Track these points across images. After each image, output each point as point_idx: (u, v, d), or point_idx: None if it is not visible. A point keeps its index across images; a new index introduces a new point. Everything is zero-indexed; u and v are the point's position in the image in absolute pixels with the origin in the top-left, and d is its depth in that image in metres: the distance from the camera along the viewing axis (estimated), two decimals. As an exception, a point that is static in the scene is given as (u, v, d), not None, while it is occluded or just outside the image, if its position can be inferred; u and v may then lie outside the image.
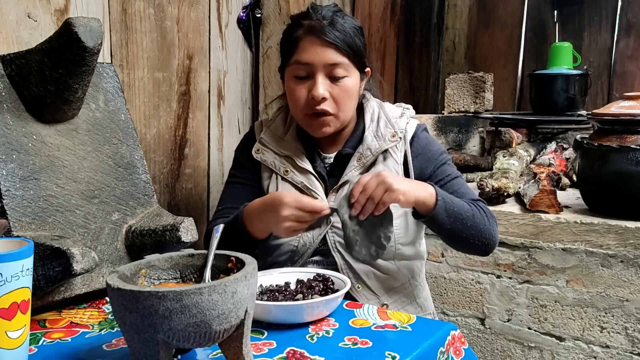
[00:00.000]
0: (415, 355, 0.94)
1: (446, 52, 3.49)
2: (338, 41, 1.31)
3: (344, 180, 1.36)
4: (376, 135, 1.39)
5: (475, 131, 2.89)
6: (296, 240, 1.35)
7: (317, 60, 1.31)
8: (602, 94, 3.06)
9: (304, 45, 1.32)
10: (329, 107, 1.32)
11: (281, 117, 1.47)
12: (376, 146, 1.37)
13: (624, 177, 1.67)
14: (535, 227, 1.82)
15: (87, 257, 0.99)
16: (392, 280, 1.37)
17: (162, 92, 1.83)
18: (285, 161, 1.40)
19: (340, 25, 1.32)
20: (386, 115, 1.42)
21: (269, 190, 1.40)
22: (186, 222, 1.16)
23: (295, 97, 1.34)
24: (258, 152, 1.43)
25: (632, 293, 1.68)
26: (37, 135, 1.11)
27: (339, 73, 1.32)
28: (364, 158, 1.37)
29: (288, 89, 1.37)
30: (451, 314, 2.03)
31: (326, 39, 1.30)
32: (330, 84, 1.32)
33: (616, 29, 3.00)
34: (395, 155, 1.38)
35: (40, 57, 1.07)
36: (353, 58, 1.34)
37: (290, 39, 1.35)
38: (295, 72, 1.34)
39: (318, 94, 1.30)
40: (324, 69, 1.31)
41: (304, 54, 1.32)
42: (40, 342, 0.98)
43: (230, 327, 0.78)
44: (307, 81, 1.33)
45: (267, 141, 1.43)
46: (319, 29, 1.31)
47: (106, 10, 1.63)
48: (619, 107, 1.73)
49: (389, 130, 1.39)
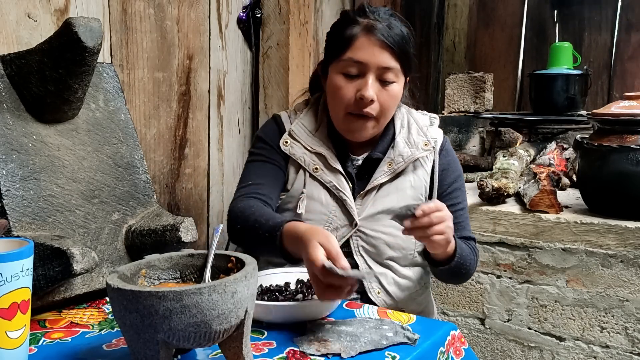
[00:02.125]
0: (415, 355, 0.94)
1: (446, 52, 3.49)
2: (395, 45, 1.27)
3: (372, 185, 1.33)
4: (408, 142, 1.36)
5: (475, 131, 2.89)
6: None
7: (372, 61, 1.26)
8: (602, 94, 3.06)
9: (361, 43, 1.27)
10: (374, 110, 1.29)
11: (312, 112, 1.41)
12: (408, 153, 1.34)
13: (624, 177, 1.67)
14: (535, 227, 1.82)
15: (87, 257, 0.99)
16: (409, 285, 1.37)
17: (162, 92, 1.83)
18: (317, 158, 1.35)
19: (398, 29, 1.28)
20: (417, 122, 1.40)
21: (293, 186, 1.35)
22: (186, 222, 1.16)
23: (341, 94, 1.29)
24: (287, 144, 1.36)
25: (632, 293, 1.68)
26: (37, 135, 1.11)
27: (389, 77, 1.28)
28: (394, 164, 1.34)
29: (333, 85, 1.31)
30: (451, 314, 2.03)
31: (385, 41, 1.26)
32: (379, 87, 1.28)
33: (616, 29, 3.00)
34: (426, 165, 1.37)
35: (40, 57, 1.07)
36: (404, 64, 1.30)
37: (344, 34, 1.29)
38: (345, 69, 1.29)
39: (369, 94, 1.26)
40: (376, 70, 1.27)
41: (359, 52, 1.27)
42: (40, 342, 0.98)
43: (230, 327, 0.78)
44: (356, 80, 1.28)
45: (298, 135, 1.37)
46: (378, 30, 1.26)
47: (106, 10, 1.63)
48: (619, 107, 1.73)
49: (421, 138, 1.36)
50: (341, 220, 1.32)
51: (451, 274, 1.31)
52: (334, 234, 1.30)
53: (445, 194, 1.38)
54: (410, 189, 1.35)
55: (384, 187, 1.34)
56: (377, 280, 1.32)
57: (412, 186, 1.35)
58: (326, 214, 1.31)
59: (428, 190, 1.37)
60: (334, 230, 1.32)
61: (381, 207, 1.31)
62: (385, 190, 1.34)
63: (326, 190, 1.32)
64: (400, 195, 1.34)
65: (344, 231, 1.32)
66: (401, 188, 1.34)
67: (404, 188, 1.34)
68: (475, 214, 1.93)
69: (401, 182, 1.35)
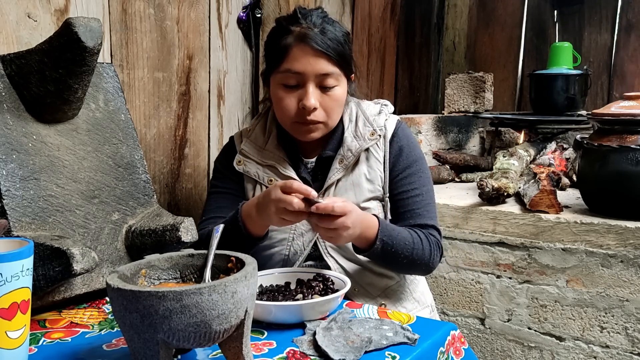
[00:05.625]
0: (415, 355, 0.94)
1: (446, 52, 3.49)
2: (330, 51, 1.28)
3: (328, 184, 1.35)
4: (355, 135, 1.37)
5: (475, 131, 2.89)
6: (286, 248, 1.35)
7: (309, 70, 1.28)
8: (602, 94, 3.06)
9: (295, 53, 1.28)
10: (319, 116, 1.31)
11: (260, 126, 1.45)
12: (356, 146, 1.35)
13: (624, 177, 1.67)
14: (535, 227, 1.82)
15: (87, 257, 0.99)
16: (386, 279, 1.38)
17: (162, 92, 1.83)
18: (269, 170, 1.39)
19: (332, 33, 1.29)
20: (364, 113, 1.40)
21: None
22: (186, 222, 1.16)
23: (284, 105, 1.32)
24: (240, 163, 1.41)
25: (632, 293, 1.68)
26: (37, 135, 1.11)
27: (329, 83, 1.30)
28: (345, 160, 1.35)
29: (276, 96, 1.34)
30: (451, 314, 2.03)
31: (319, 49, 1.27)
32: (320, 94, 1.30)
33: (616, 29, 3.00)
34: (377, 154, 1.38)
35: (40, 57, 1.07)
36: (343, 67, 1.32)
37: (279, 44, 1.31)
38: (284, 80, 1.31)
39: (310, 104, 1.28)
40: (315, 78, 1.28)
41: (295, 62, 1.28)
42: (40, 342, 0.98)
43: (230, 327, 0.78)
44: (296, 90, 1.30)
45: (248, 152, 1.41)
46: (311, 38, 1.27)
47: (106, 10, 1.63)
48: (619, 107, 1.73)
49: (367, 128, 1.37)
50: (304, 225, 1.35)
51: (383, 260, 1.30)
52: (300, 240, 1.33)
53: (396, 180, 1.37)
54: (366, 182, 1.36)
55: (340, 185, 1.35)
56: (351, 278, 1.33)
57: (367, 179, 1.36)
58: None
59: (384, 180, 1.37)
60: (300, 236, 1.35)
61: None
62: (342, 187, 1.35)
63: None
64: (357, 189, 1.35)
65: (309, 236, 1.35)
66: (357, 183, 1.35)
67: (359, 182, 1.35)
68: (475, 214, 1.93)
69: (356, 177, 1.36)
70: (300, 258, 1.35)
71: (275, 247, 1.36)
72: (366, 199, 1.36)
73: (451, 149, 2.71)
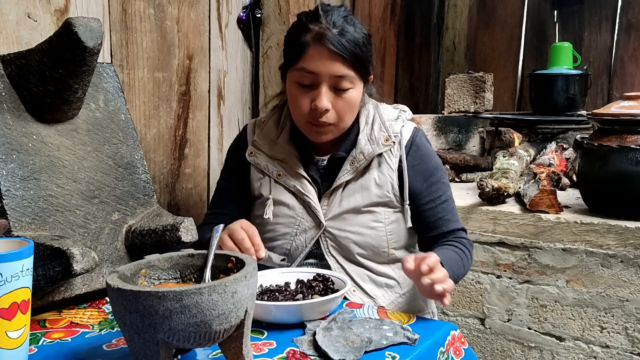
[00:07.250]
0: (415, 355, 0.94)
1: (446, 52, 3.49)
2: (347, 54, 1.25)
3: (336, 184, 1.34)
4: (370, 138, 1.35)
5: (475, 131, 2.89)
6: (289, 243, 1.35)
7: (323, 71, 1.26)
8: (602, 94, 3.06)
9: (311, 53, 1.26)
10: (330, 118, 1.29)
11: (274, 119, 1.44)
12: (369, 150, 1.34)
13: (624, 177, 1.67)
14: (535, 227, 1.82)
15: (87, 257, 0.99)
16: (387, 282, 1.37)
17: (162, 92, 1.83)
18: (279, 165, 1.38)
19: (351, 35, 1.26)
20: (381, 117, 1.38)
21: (261, 193, 1.39)
22: (186, 222, 1.16)
23: (298, 104, 1.31)
24: (252, 155, 1.40)
25: (632, 293, 1.68)
26: (37, 135, 1.11)
27: (344, 85, 1.27)
28: (356, 162, 1.34)
29: (290, 94, 1.33)
30: (451, 314, 2.03)
31: (335, 51, 1.24)
32: (334, 96, 1.28)
33: (616, 29, 3.00)
34: (390, 161, 1.35)
35: (40, 57, 1.07)
36: (359, 70, 1.29)
37: (297, 42, 1.29)
38: (299, 79, 1.29)
39: (322, 105, 1.26)
40: (329, 80, 1.27)
41: (310, 62, 1.26)
42: (40, 342, 0.98)
43: (230, 327, 0.78)
44: (310, 89, 1.28)
45: (260, 144, 1.40)
46: (328, 39, 1.24)
47: (106, 10, 1.63)
48: (619, 107, 1.73)
49: (382, 133, 1.35)
50: (308, 222, 1.34)
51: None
52: (303, 236, 1.34)
53: (422, 190, 1.37)
54: (375, 187, 1.34)
55: (349, 187, 1.34)
56: (351, 279, 1.32)
57: (377, 184, 1.34)
58: (293, 216, 1.35)
59: (397, 188, 1.35)
60: (303, 232, 1.34)
61: (347, 206, 1.33)
62: (351, 189, 1.34)
63: (292, 194, 1.36)
64: (365, 193, 1.34)
65: (312, 233, 1.34)
66: (366, 186, 1.34)
67: (368, 186, 1.34)
68: (475, 214, 1.93)
69: (366, 180, 1.35)
70: (301, 254, 1.34)
71: (278, 240, 1.35)
72: (373, 203, 1.34)
73: (451, 149, 2.71)
